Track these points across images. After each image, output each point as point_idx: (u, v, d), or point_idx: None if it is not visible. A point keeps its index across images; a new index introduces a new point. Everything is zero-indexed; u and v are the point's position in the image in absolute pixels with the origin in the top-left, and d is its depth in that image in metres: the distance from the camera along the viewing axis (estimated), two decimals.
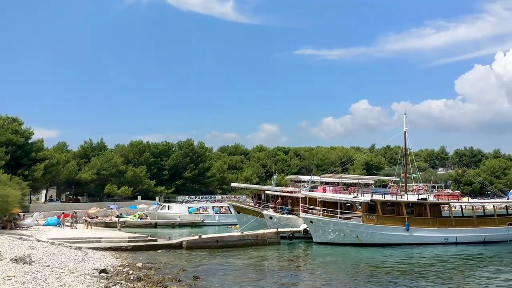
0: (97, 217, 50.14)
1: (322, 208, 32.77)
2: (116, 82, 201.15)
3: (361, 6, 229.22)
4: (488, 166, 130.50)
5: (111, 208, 58.16)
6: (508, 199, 40.95)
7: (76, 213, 41.64)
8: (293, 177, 52.01)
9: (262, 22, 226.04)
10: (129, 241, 29.05)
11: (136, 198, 75.76)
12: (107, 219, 49.67)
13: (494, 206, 38.22)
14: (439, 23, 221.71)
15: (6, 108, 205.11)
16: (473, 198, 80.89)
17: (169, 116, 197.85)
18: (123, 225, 44.69)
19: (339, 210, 32.53)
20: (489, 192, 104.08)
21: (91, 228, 37.98)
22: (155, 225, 49.71)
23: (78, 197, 76.60)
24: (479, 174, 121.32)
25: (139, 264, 21.65)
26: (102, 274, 17.67)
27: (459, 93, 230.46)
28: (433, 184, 43.48)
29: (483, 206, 39.63)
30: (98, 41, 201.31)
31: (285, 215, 37.76)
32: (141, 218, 53.35)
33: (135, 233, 34.59)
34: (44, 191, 70.19)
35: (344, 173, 60.76)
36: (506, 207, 37.76)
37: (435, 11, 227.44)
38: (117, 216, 51.69)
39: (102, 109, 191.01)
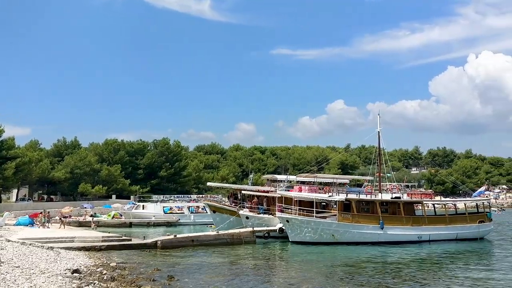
0: (70, 216, 49.27)
1: (298, 208, 32.90)
2: (90, 79, 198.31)
3: (337, 7, 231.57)
4: (460, 166, 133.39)
5: (85, 208, 57.24)
6: (474, 197, 41.92)
7: (48, 212, 40.81)
8: (269, 176, 52.08)
9: (239, 21, 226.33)
10: (103, 241, 28.59)
11: (111, 197, 74.77)
12: (81, 219, 48.84)
13: (465, 205, 39.09)
14: (413, 25, 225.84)
15: None
16: (446, 197, 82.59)
17: (144, 114, 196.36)
18: (97, 225, 44.02)
19: (314, 209, 32.70)
20: (461, 191, 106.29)
21: (64, 228, 37.29)
22: (130, 225, 49.12)
23: (51, 196, 75.16)
24: (452, 173, 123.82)
25: (113, 264, 21.35)
26: (75, 274, 17.37)
27: (433, 94, 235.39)
28: (407, 184, 44.11)
29: (455, 205, 40.46)
30: (72, 37, 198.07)
31: (261, 215, 37.78)
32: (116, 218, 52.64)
33: (109, 232, 34.12)
34: (15, 190, 68.71)
35: (320, 173, 61.22)
36: (477, 206, 38.59)
37: (410, 13, 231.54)
38: (91, 216, 50.85)
39: (76, 107, 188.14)
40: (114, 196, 75.59)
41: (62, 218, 41.95)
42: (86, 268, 19.38)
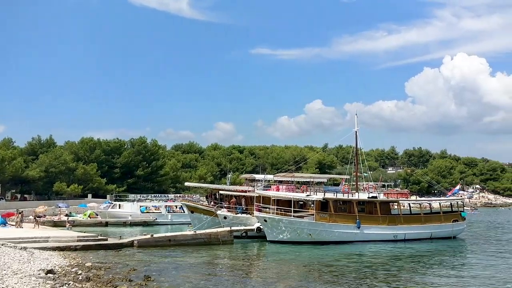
0: (44, 216, 48.39)
1: (275, 207, 32.97)
2: (66, 77, 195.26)
3: (316, 7, 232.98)
4: (435, 166, 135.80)
5: (60, 207, 56.28)
6: (447, 197, 42.67)
7: (22, 212, 40.00)
8: (247, 176, 52.09)
9: (218, 20, 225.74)
10: (78, 240, 28.17)
11: (87, 197, 73.73)
12: (56, 218, 48.05)
13: (440, 204, 39.71)
14: (391, 26, 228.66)
15: None
16: (421, 197, 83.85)
17: (121, 112, 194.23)
18: (73, 224, 43.31)
19: (292, 209, 32.80)
20: (436, 191, 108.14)
21: (38, 228, 36.61)
22: (106, 224, 48.53)
23: (25, 196, 73.68)
24: (427, 173, 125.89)
25: (89, 264, 21.06)
26: (49, 274, 17.06)
27: (409, 95, 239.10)
28: (383, 183, 44.62)
29: (429, 204, 41.10)
30: (48, 34, 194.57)
31: (239, 214, 37.76)
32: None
33: (84, 232, 33.65)
34: None
35: (298, 172, 61.57)
36: (451, 205, 39.26)
37: (387, 14, 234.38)
38: (66, 215, 50.06)
39: (52, 105, 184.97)
40: (90, 195, 74.56)
41: (36, 218, 41.16)
42: (60, 268, 19.06)
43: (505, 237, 39.40)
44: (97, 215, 52.50)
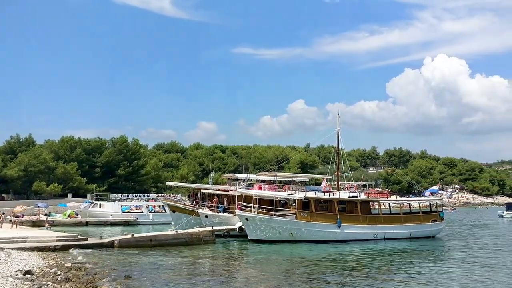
0: (23, 215, 47.69)
1: (257, 206, 33.04)
2: (46, 74, 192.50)
3: (298, 7, 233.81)
4: (416, 166, 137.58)
5: (39, 207, 55.53)
6: (424, 195, 43.29)
7: (4, 213, 39.36)
8: (230, 175, 52.10)
9: (201, 18, 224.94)
10: (57, 241, 27.83)
11: (66, 196, 72.85)
12: (35, 218, 47.37)
13: (419, 204, 40.23)
14: (372, 27, 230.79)
15: None
16: (402, 196, 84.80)
17: (102, 111, 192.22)
18: (52, 224, 42.76)
19: (274, 208, 32.90)
20: (416, 191, 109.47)
21: (16, 228, 36.04)
22: (86, 224, 48.06)
23: (3, 195, 72.48)
24: (407, 173, 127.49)
25: (68, 264, 20.83)
26: (27, 275, 16.84)
27: (390, 95, 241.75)
28: (364, 183, 45.04)
29: (409, 204, 41.66)
30: (28, 30, 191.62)
31: (221, 214, 37.73)
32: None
33: (64, 232, 33.25)
34: None
35: (280, 172, 61.79)
36: (430, 205, 39.77)
37: (369, 15, 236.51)
38: (46, 215, 49.41)
39: (31, 104, 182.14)
40: (70, 195, 73.67)
41: (14, 218, 40.54)
42: (39, 269, 18.81)
43: (481, 236, 40.15)
44: (77, 215, 51.93)
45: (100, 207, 53.29)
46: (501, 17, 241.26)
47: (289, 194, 34.32)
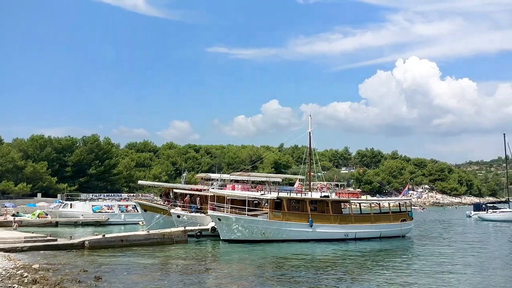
0: None
1: (230, 206, 33.07)
2: (15, 72, 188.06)
3: (273, 8, 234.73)
4: (387, 166, 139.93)
5: (6, 206, 54.27)
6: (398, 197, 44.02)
7: None
8: (203, 175, 51.98)
9: (175, 17, 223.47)
10: (25, 241, 27.25)
11: (36, 196, 71.47)
12: (1, 218, 46.26)
13: (389, 204, 40.91)
14: (346, 29, 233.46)
15: None
16: (373, 196, 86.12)
17: (73, 109, 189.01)
18: (20, 224, 41.84)
19: (246, 208, 32.97)
20: (387, 191, 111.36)
21: None
22: (56, 224, 47.19)
23: None
24: (378, 173, 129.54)
25: (36, 266, 20.40)
26: None
27: (363, 97, 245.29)
28: (336, 183, 45.52)
29: (379, 204, 42.32)
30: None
31: (193, 213, 37.61)
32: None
33: (33, 232, 32.56)
34: None
35: (254, 172, 61.96)
36: (399, 205, 40.46)
37: (343, 17, 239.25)
38: (13, 215, 48.31)
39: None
40: (39, 195, 72.30)
41: None
42: (4, 271, 18.37)
43: (449, 235, 41.17)
44: (47, 215, 50.96)
45: (70, 207, 52.45)
46: (470, 22, 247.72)
47: (262, 194, 34.47)
